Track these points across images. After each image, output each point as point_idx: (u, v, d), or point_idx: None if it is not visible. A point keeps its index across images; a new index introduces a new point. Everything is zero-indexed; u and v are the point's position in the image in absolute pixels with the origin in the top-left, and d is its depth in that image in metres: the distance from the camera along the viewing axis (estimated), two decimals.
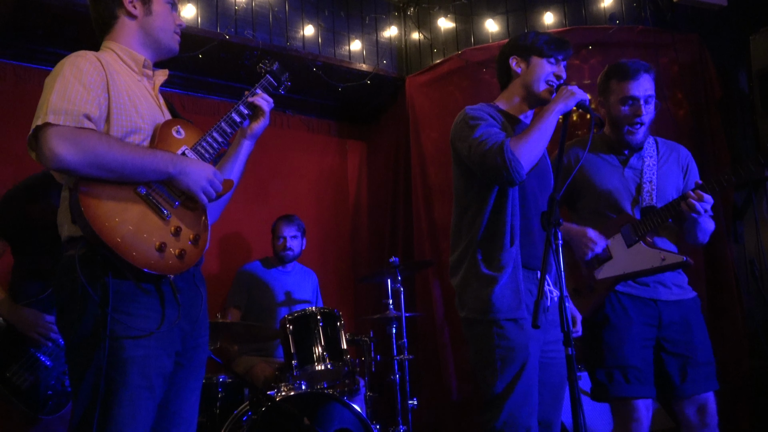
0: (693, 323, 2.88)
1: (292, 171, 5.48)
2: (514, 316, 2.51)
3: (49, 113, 1.94)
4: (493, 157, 2.46)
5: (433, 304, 4.86)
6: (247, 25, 4.63)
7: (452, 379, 4.75)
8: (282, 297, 4.55)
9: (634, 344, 2.82)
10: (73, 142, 1.92)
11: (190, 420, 2.18)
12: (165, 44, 2.27)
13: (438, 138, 4.98)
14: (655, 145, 3.04)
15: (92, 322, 1.92)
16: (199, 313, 2.19)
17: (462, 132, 2.63)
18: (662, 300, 2.88)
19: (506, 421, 2.49)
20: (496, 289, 2.52)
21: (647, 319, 2.86)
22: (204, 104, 5.07)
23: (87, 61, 2.06)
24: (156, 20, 2.23)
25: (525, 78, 2.72)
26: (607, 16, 4.70)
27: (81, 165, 1.92)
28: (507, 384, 2.50)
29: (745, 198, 4.59)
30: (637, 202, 2.93)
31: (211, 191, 2.11)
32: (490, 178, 2.53)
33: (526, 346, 2.51)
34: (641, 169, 2.96)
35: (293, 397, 3.47)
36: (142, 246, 1.95)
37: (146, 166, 2.00)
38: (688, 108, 4.46)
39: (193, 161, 2.11)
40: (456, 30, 5.09)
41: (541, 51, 2.69)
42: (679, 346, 2.85)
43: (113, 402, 1.90)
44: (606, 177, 2.98)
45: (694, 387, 2.82)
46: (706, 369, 2.84)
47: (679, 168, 3.02)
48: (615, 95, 2.95)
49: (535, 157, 2.52)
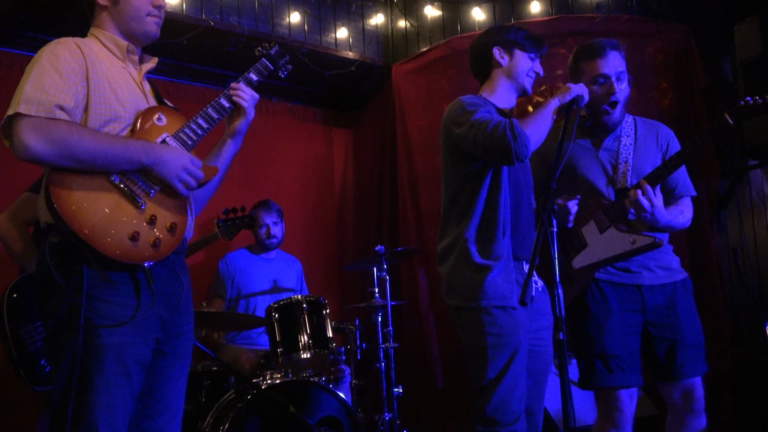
0: (679, 306, 2.85)
1: (277, 158, 5.47)
2: (505, 304, 2.53)
3: (21, 103, 1.93)
4: (503, 134, 2.48)
5: (419, 292, 4.87)
6: (233, 11, 4.59)
7: (437, 367, 4.76)
8: (266, 285, 4.54)
9: (615, 333, 2.81)
10: (44, 134, 1.91)
11: (175, 408, 2.18)
12: (136, 30, 2.22)
13: (424, 126, 4.97)
14: (633, 124, 3.00)
15: (67, 309, 1.92)
16: (180, 300, 2.17)
17: (460, 117, 2.64)
18: (646, 285, 2.85)
19: (497, 406, 2.51)
20: (489, 277, 2.54)
21: (630, 305, 2.84)
22: (189, 91, 5.04)
23: (66, 49, 2.06)
24: (123, 8, 2.19)
25: (509, 69, 2.78)
26: (594, 5, 4.70)
27: (51, 156, 1.92)
28: (498, 371, 2.52)
29: (728, 187, 4.62)
30: (613, 183, 2.91)
31: (189, 180, 2.09)
32: (496, 153, 2.52)
33: (516, 333, 2.54)
34: (617, 150, 2.94)
35: (279, 385, 3.47)
36: (114, 235, 1.95)
37: (118, 156, 1.99)
38: (673, 97, 4.47)
39: (169, 149, 2.09)
40: (442, 18, 5.08)
41: (523, 45, 2.78)
42: (666, 330, 2.83)
43: (89, 388, 1.90)
44: (581, 161, 2.96)
45: (683, 370, 2.80)
46: (694, 351, 2.82)
47: (658, 147, 2.96)
48: (586, 75, 2.90)
49: (538, 140, 2.57)
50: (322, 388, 3.54)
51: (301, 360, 3.68)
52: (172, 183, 2.07)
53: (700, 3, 4.64)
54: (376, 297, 4.18)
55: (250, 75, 2.33)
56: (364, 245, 5.39)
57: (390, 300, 4.15)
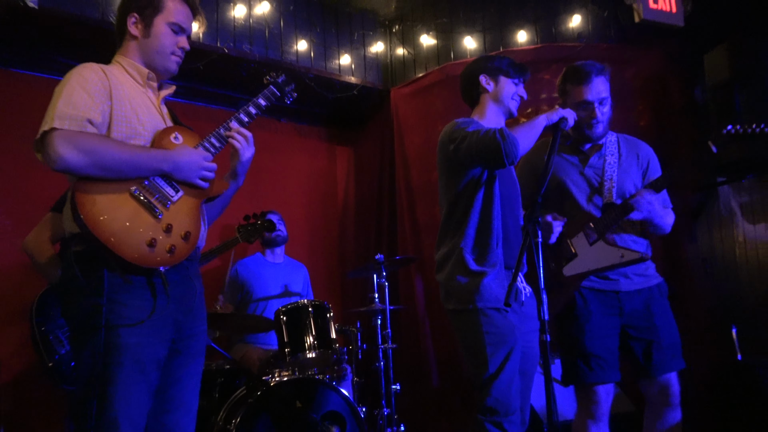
0: (655, 309, 2.87)
1: (284, 173, 5.46)
2: (498, 306, 2.54)
3: (55, 118, 1.95)
4: (492, 137, 2.51)
5: (416, 297, 4.85)
6: (245, 39, 4.60)
7: (432, 367, 4.74)
8: (276, 289, 4.53)
9: (594, 334, 2.82)
10: (75, 145, 1.93)
11: (190, 403, 2.17)
12: (158, 65, 2.25)
13: (420, 143, 4.97)
14: (617, 143, 3.02)
15: (89, 311, 1.92)
16: (193, 304, 2.17)
17: (455, 133, 2.68)
18: (623, 291, 2.87)
19: (497, 398, 2.52)
20: (484, 281, 2.56)
21: (609, 309, 2.86)
22: (204, 112, 5.03)
23: (92, 71, 2.08)
24: (152, 42, 2.22)
25: (495, 94, 2.83)
26: (576, 34, 4.71)
27: (82, 165, 1.93)
28: (497, 366, 2.53)
29: (700, 201, 4.62)
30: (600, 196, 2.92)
31: (208, 174, 2.15)
32: (488, 156, 2.54)
33: (512, 332, 2.56)
34: (602, 168, 2.95)
35: (286, 382, 3.45)
36: (133, 241, 1.96)
37: (142, 164, 2.03)
38: (649, 117, 4.48)
39: (183, 153, 2.12)
40: (437, 46, 5.09)
41: (508, 72, 2.81)
42: (643, 332, 2.85)
43: (109, 384, 1.90)
44: (568, 177, 2.98)
45: (659, 368, 2.82)
46: (670, 350, 2.83)
47: (639, 165, 2.99)
48: (571, 98, 2.94)
49: (526, 146, 2.60)
50: (326, 385, 3.52)
51: (306, 359, 3.66)
52: (193, 181, 2.12)
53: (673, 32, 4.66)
54: (375, 302, 4.18)
55: (259, 100, 2.34)
56: (364, 254, 5.38)
57: (389, 305, 4.14)
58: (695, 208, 4.62)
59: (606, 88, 2.94)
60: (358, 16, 5.21)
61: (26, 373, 3.82)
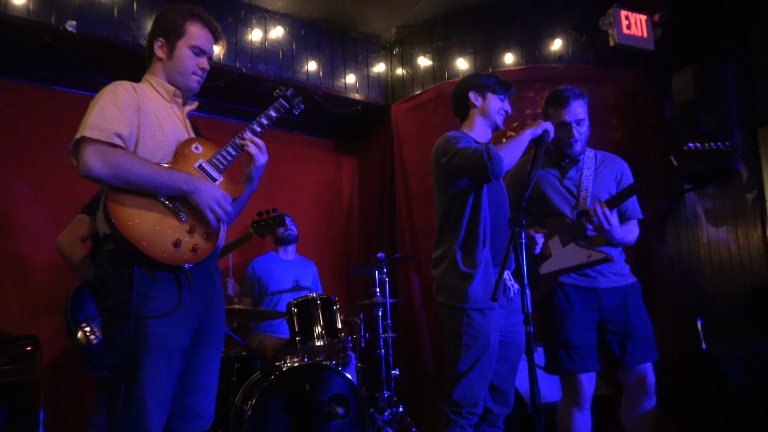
0: (630, 305, 2.88)
1: (295, 180, 5.48)
2: (482, 307, 2.54)
3: (87, 128, 1.96)
4: (480, 155, 2.52)
5: (413, 292, 4.86)
6: (261, 60, 4.62)
7: (428, 354, 4.75)
8: (288, 284, 4.54)
9: (576, 327, 2.83)
10: (103, 158, 1.93)
11: (210, 386, 2.18)
12: (180, 83, 2.26)
13: (418, 154, 4.99)
14: (594, 158, 3.04)
15: (121, 304, 1.93)
16: (214, 297, 2.18)
17: (446, 148, 2.68)
18: (602, 288, 2.87)
19: (462, 394, 2.54)
20: (471, 284, 2.56)
21: (589, 304, 2.87)
22: (225, 125, 5.05)
23: (124, 89, 2.09)
24: (175, 63, 2.23)
25: (483, 109, 2.82)
26: (557, 56, 4.73)
27: (106, 176, 1.94)
28: (468, 365, 2.54)
29: (667, 206, 4.63)
30: (575, 207, 2.94)
31: (219, 211, 2.08)
32: (476, 172, 2.56)
33: (488, 336, 2.55)
34: (579, 179, 2.97)
35: (297, 367, 3.46)
36: (161, 242, 1.97)
37: (163, 183, 2.01)
38: (623, 132, 4.49)
39: (207, 183, 2.10)
40: (433, 67, 5.10)
41: (494, 89, 2.80)
42: (619, 326, 2.85)
43: (138, 368, 1.91)
44: (550, 186, 3.00)
45: (634, 359, 2.82)
46: (644, 343, 2.84)
47: (613, 177, 3.01)
48: (552, 119, 2.95)
49: (510, 163, 2.61)
50: (333, 370, 3.53)
51: (315, 347, 3.68)
52: (204, 211, 2.06)
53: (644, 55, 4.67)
54: (377, 296, 4.19)
55: (270, 112, 2.35)
56: (367, 253, 5.39)
57: (389, 298, 4.16)
58: (664, 213, 4.62)
59: (584, 111, 2.95)
60: (361, 39, 5.23)
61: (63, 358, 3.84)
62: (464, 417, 2.53)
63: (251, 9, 4.64)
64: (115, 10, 4.01)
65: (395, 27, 5.12)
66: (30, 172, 4.17)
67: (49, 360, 3.76)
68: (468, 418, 2.54)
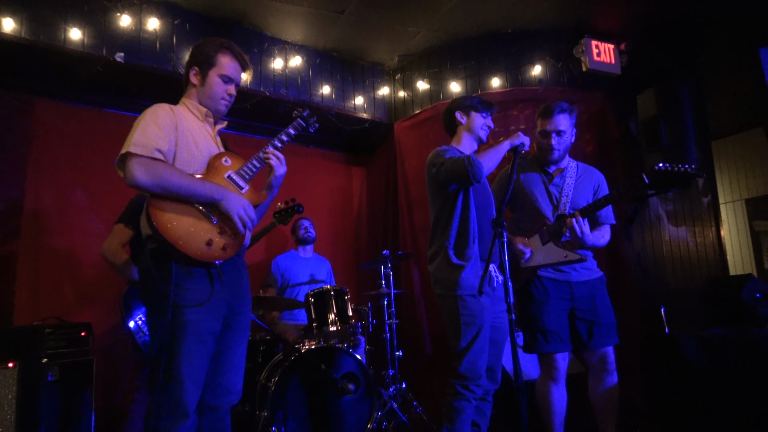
0: (597, 296, 2.87)
1: (312, 189, 5.47)
2: (474, 292, 2.53)
3: (131, 145, 1.96)
4: (462, 162, 2.53)
5: (413, 284, 4.84)
6: (282, 85, 4.61)
7: (426, 338, 4.73)
8: (305, 278, 4.53)
9: (551, 314, 2.82)
10: (146, 169, 1.94)
11: (238, 366, 2.17)
12: (211, 107, 2.25)
13: (417, 165, 4.97)
14: (576, 168, 3.02)
15: (161, 295, 1.93)
16: (241, 289, 2.17)
17: (435, 159, 2.68)
18: (573, 281, 2.86)
19: (467, 367, 2.51)
20: (462, 274, 2.55)
21: (562, 294, 2.85)
22: (251, 141, 5.05)
23: (163, 110, 2.10)
24: (207, 90, 2.23)
25: (468, 126, 2.82)
26: (536, 80, 4.70)
27: (149, 185, 1.94)
28: (468, 342, 2.51)
29: (634, 209, 4.60)
30: (557, 210, 2.91)
31: (245, 218, 2.07)
32: (459, 177, 2.55)
33: (481, 315, 2.54)
34: (562, 186, 2.95)
35: (314, 349, 3.45)
36: (195, 242, 1.96)
37: (197, 192, 2.01)
38: (594, 145, 4.46)
39: (235, 193, 2.08)
40: (430, 89, 5.08)
41: (477, 108, 2.79)
42: (586, 314, 2.84)
43: (176, 350, 1.90)
44: (536, 188, 2.98)
45: (598, 342, 2.82)
46: (607, 329, 2.84)
47: (591, 186, 2.99)
48: (538, 128, 2.97)
49: (489, 169, 2.59)
50: (345, 352, 3.51)
51: (329, 332, 3.66)
52: (233, 216, 2.06)
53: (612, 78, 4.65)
54: (382, 287, 4.17)
55: (289, 130, 2.35)
56: (374, 250, 5.37)
57: (393, 289, 4.16)
58: (631, 214, 4.59)
59: (566, 124, 2.92)
60: (369, 67, 5.22)
61: (111, 342, 3.83)
62: (470, 390, 2.51)
63: (274, 41, 4.63)
64: (157, 44, 4.01)
65: (397, 56, 5.11)
66: (84, 182, 4.17)
67: (101, 345, 3.76)
68: (474, 391, 2.52)
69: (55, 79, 3.96)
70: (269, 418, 3.16)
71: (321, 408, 3.34)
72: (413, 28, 4.64)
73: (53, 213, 4.00)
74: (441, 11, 4.40)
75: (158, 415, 1.87)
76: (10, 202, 3.87)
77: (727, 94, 5.49)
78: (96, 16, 3.83)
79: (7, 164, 3.90)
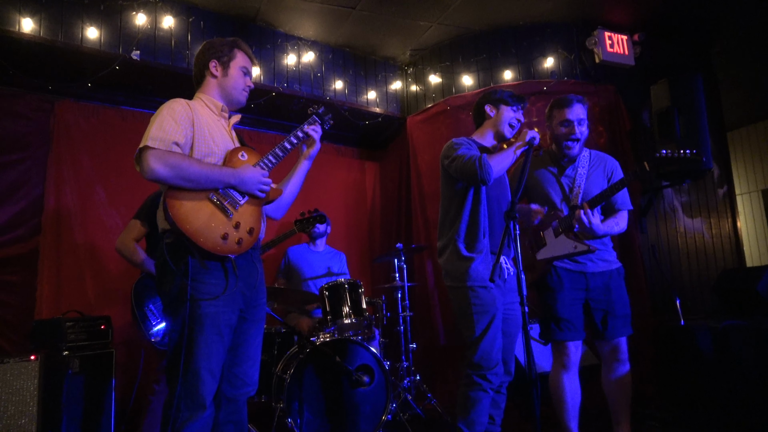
0: (612, 287, 2.84)
1: (327, 183, 5.47)
2: (484, 284, 2.52)
3: (149, 139, 1.97)
4: (472, 164, 2.50)
5: (426, 276, 4.83)
6: (295, 81, 4.61)
7: (440, 329, 4.72)
8: (320, 271, 4.53)
9: (564, 302, 2.81)
10: (164, 161, 1.94)
11: (254, 357, 2.18)
12: (235, 98, 2.28)
13: (429, 159, 4.95)
14: (588, 157, 2.97)
15: (178, 289, 1.94)
16: (256, 282, 2.18)
17: (448, 152, 2.66)
18: (589, 272, 2.84)
19: (482, 356, 2.51)
20: (473, 265, 2.54)
21: (577, 285, 2.84)
22: (264, 137, 5.06)
23: (179, 105, 2.10)
24: (230, 81, 2.26)
25: (495, 120, 2.77)
26: (549, 72, 4.65)
27: (169, 177, 1.94)
28: (481, 330, 2.51)
29: (647, 201, 4.55)
30: (569, 201, 2.89)
31: (265, 188, 2.15)
32: (469, 178, 2.54)
33: (493, 304, 2.53)
34: (574, 177, 2.91)
35: (329, 342, 3.45)
36: (211, 235, 1.97)
37: (214, 178, 2.03)
38: (606, 137, 4.41)
39: (248, 171, 2.12)
40: (442, 84, 5.06)
41: (507, 102, 2.76)
42: (601, 304, 2.83)
43: (194, 343, 1.91)
44: (548, 184, 2.95)
45: (612, 332, 2.80)
46: (622, 320, 2.82)
47: (605, 175, 2.94)
48: (556, 120, 2.91)
49: (499, 171, 2.57)
50: (359, 344, 3.52)
51: (344, 324, 3.66)
52: (254, 193, 2.12)
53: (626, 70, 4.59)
54: (396, 280, 4.17)
55: (305, 126, 2.36)
56: (388, 243, 5.38)
57: (407, 282, 4.15)
58: (645, 206, 4.54)
59: (584, 113, 2.90)
60: (381, 62, 5.20)
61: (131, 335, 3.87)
62: (487, 380, 2.50)
63: (287, 38, 4.63)
64: (172, 42, 4.03)
65: (409, 51, 5.08)
66: (104, 179, 4.21)
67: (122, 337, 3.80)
68: (491, 381, 2.50)
69: (74, 78, 4.00)
70: (285, 410, 3.18)
71: (336, 399, 3.35)
72: (425, 22, 4.61)
73: (74, 210, 4.05)
74: (452, 5, 4.37)
75: (177, 406, 1.89)
76: (32, 199, 3.93)
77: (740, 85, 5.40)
78: (112, 15, 3.86)
79: (29, 163, 3.96)
